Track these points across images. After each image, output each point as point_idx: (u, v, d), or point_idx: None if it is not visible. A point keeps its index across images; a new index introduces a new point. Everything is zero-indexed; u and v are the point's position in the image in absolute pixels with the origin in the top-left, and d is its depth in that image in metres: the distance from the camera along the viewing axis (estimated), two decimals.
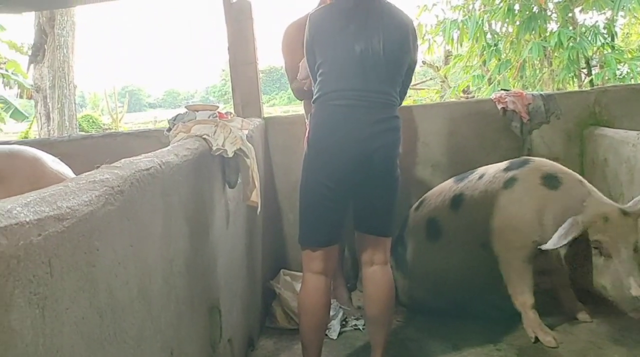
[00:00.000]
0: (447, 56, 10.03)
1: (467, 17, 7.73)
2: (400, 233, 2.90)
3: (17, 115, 9.63)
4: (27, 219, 0.81)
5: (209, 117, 2.17)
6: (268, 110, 3.76)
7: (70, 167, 2.29)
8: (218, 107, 2.27)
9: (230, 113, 2.42)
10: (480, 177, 2.67)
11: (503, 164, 2.65)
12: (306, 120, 2.87)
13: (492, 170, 2.65)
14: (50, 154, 2.33)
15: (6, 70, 9.39)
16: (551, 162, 2.60)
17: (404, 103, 2.68)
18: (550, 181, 2.44)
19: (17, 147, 2.02)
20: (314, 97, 2.17)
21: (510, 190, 2.50)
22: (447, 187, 2.80)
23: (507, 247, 2.49)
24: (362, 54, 2.05)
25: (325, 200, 2.12)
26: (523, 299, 2.49)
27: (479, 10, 7.85)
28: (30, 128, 11.20)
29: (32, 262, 0.81)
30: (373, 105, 2.07)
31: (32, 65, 8.77)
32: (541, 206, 2.42)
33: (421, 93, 11.10)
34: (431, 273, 2.74)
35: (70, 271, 0.92)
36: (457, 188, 2.71)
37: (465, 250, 2.63)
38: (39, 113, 8.69)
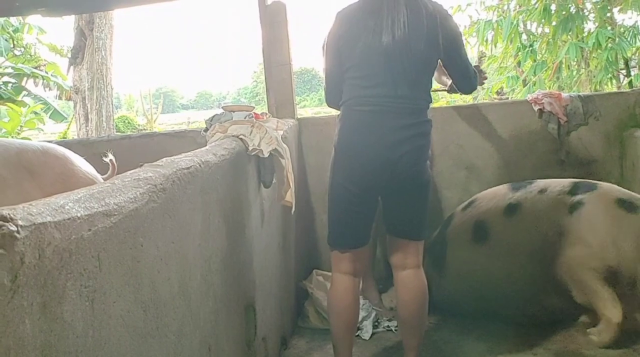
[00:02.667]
0: (481, 57, 9.90)
1: (501, 17, 7.62)
2: (442, 231, 2.90)
3: (56, 116, 9.87)
4: (79, 215, 0.84)
5: (245, 118, 2.20)
6: (299, 112, 3.78)
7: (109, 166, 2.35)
8: (254, 108, 2.30)
9: (266, 114, 2.45)
10: (542, 191, 2.62)
11: (567, 184, 2.59)
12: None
13: (556, 188, 2.60)
14: (90, 153, 2.40)
15: (46, 72, 9.64)
16: (619, 187, 2.54)
17: (438, 104, 2.67)
18: (627, 204, 2.42)
19: (48, 144, 2.08)
20: (342, 101, 2.16)
21: (577, 213, 2.46)
22: (501, 192, 2.75)
23: (581, 270, 2.41)
24: (389, 54, 2.02)
25: (350, 205, 2.12)
26: (609, 314, 2.34)
27: (514, 10, 7.73)
28: (68, 128, 11.48)
29: (83, 256, 0.84)
30: (400, 110, 2.05)
31: (71, 68, 8.99)
32: (617, 229, 2.37)
33: (454, 95, 10.97)
34: (471, 274, 2.71)
35: (117, 265, 0.96)
36: (514, 197, 2.67)
37: (511, 257, 2.59)
38: (78, 114, 8.91)
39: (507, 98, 8.43)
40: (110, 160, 2.33)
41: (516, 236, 2.59)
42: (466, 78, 2.24)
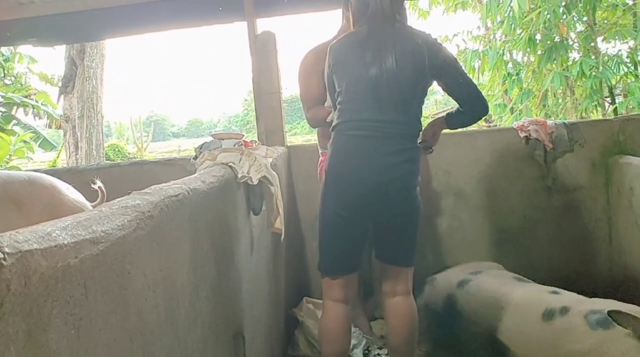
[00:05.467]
0: None
1: (487, 47, 7.78)
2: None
3: (46, 144, 9.88)
4: (65, 242, 0.84)
5: (234, 146, 2.21)
6: (290, 139, 3.81)
7: (98, 194, 2.34)
8: (243, 135, 2.32)
9: (255, 141, 2.46)
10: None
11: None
12: (319, 150, 2.89)
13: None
14: (80, 181, 2.40)
15: (36, 101, 9.68)
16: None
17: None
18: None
19: (35, 174, 2.06)
20: (332, 126, 2.19)
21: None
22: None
23: None
24: (377, 81, 2.07)
25: (341, 230, 2.13)
26: None
27: (500, 40, 7.90)
28: (58, 157, 11.46)
29: (69, 284, 0.84)
30: (389, 135, 2.07)
31: (62, 96, 9.03)
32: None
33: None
34: None
35: (104, 293, 0.95)
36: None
37: None
38: (68, 142, 8.91)
39: (495, 125, 8.54)
40: (99, 187, 2.32)
41: None
42: (475, 97, 2.22)
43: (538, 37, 7.19)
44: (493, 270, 2.82)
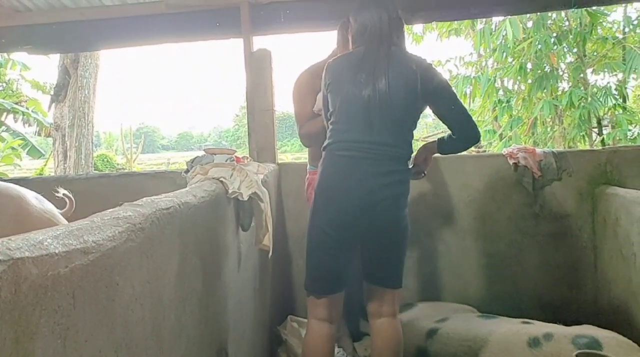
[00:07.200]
0: None
1: (479, 73, 7.89)
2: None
3: (34, 152, 9.81)
4: (57, 251, 0.84)
5: (226, 161, 2.22)
6: (280, 157, 3.82)
7: (86, 205, 2.33)
8: (236, 151, 2.33)
9: (247, 157, 2.47)
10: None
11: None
12: (308, 168, 2.88)
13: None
14: (68, 191, 2.38)
15: (27, 108, 9.63)
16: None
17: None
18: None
19: (1, 184, 2.01)
20: (324, 145, 2.21)
21: None
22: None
23: None
24: (369, 102, 2.09)
25: (327, 248, 2.13)
26: None
27: (492, 67, 8.01)
28: (45, 165, 11.38)
29: (58, 293, 0.84)
30: (379, 157, 2.09)
31: (53, 104, 8.98)
32: None
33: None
34: None
35: (92, 303, 0.95)
36: None
37: None
38: (57, 151, 8.85)
39: (485, 151, 8.62)
40: (64, 194, 2.31)
41: None
42: (467, 123, 2.23)
43: (529, 66, 7.32)
44: (459, 314, 2.77)
